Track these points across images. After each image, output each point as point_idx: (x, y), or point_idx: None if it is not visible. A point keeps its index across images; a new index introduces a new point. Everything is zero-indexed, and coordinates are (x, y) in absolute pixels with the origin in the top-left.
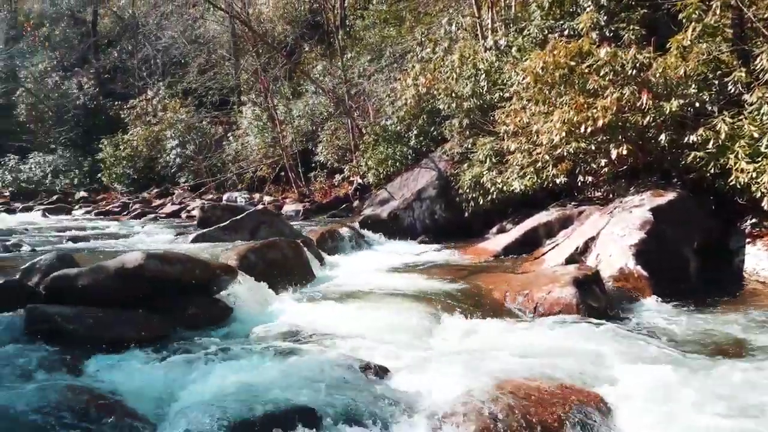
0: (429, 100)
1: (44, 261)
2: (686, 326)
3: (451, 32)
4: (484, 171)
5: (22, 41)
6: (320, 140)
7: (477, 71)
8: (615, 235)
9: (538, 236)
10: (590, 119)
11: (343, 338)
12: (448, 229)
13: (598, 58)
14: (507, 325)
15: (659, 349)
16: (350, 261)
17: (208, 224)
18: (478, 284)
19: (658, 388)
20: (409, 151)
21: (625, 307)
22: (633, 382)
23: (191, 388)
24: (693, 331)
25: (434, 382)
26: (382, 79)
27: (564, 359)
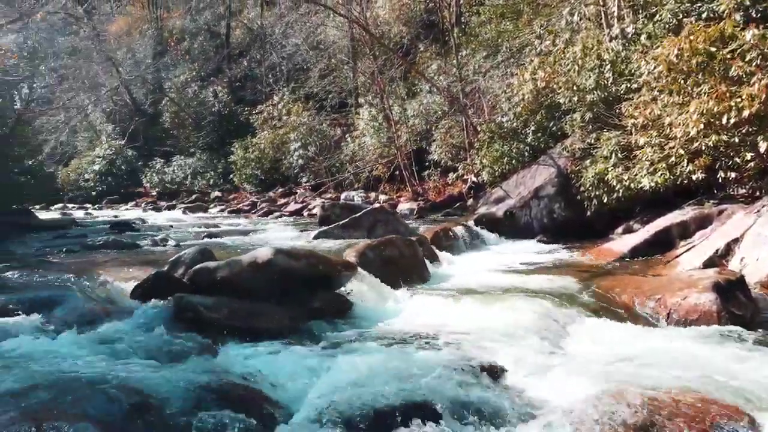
0: (548, 94)
1: (188, 254)
2: None
3: (572, 23)
4: (609, 167)
5: (167, 55)
6: (434, 139)
7: (601, 62)
8: (763, 237)
9: (670, 237)
10: (734, 109)
11: (459, 337)
12: (568, 229)
13: (743, 41)
14: (636, 330)
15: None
16: (465, 260)
17: (328, 222)
18: (603, 286)
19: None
20: (526, 148)
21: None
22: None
23: (319, 378)
24: None
25: (556, 387)
26: (497, 75)
27: (702, 370)
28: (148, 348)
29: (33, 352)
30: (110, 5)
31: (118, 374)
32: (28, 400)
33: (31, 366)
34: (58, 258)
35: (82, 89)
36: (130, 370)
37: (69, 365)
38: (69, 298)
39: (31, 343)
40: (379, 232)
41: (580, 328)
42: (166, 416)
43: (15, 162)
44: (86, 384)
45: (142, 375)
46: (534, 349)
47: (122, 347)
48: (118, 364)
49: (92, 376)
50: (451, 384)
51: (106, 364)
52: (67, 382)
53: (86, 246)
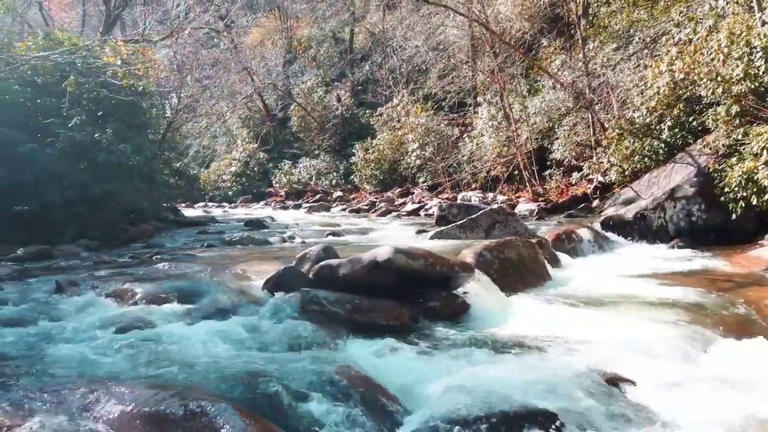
0: (687, 86)
1: (313, 251)
2: None
3: (717, 8)
4: (760, 165)
5: (296, 63)
6: (557, 137)
7: (751, 49)
8: None
9: None
10: None
11: (582, 345)
12: (709, 233)
13: None
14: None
15: None
16: (589, 264)
17: (445, 222)
18: (751, 299)
19: None
20: (661, 144)
21: None
22: None
23: (436, 379)
24: None
25: (685, 406)
26: (629, 68)
27: None
28: (274, 337)
29: (175, 337)
30: (246, 18)
31: (249, 360)
32: (173, 379)
33: (173, 349)
34: (200, 252)
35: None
36: (258, 357)
37: (204, 351)
38: (207, 289)
39: (174, 329)
40: (496, 233)
41: (719, 343)
42: (288, 402)
43: (166, 164)
44: (222, 368)
45: (268, 362)
46: (663, 364)
47: (252, 336)
48: (247, 352)
49: (227, 361)
50: (573, 393)
51: (237, 351)
52: (206, 365)
53: (224, 241)
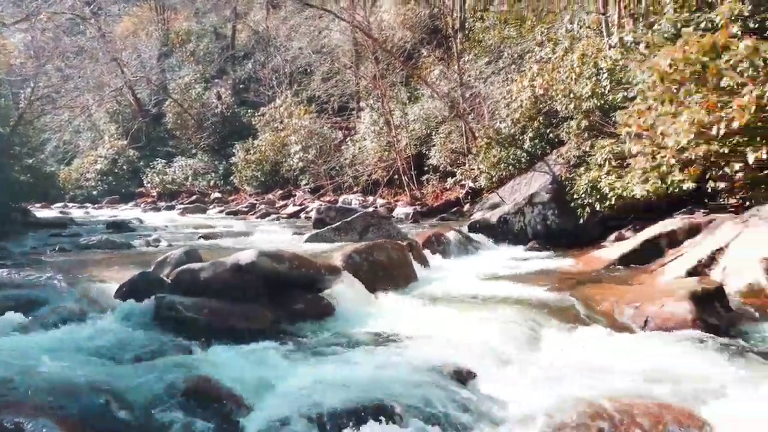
0: (546, 101)
1: (174, 255)
2: None
3: (573, 30)
4: (602, 175)
5: (172, 57)
6: (434, 144)
7: (599, 70)
8: (747, 247)
9: (659, 246)
10: (724, 120)
11: (437, 341)
12: (561, 236)
13: (736, 52)
14: (612, 338)
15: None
16: (456, 265)
17: (323, 225)
18: (588, 294)
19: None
20: (523, 154)
21: (750, 326)
22: (743, 408)
23: (288, 378)
24: None
25: (523, 394)
26: (498, 81)
27: (670, 377)
28: (123, 347)
29: (9, 349)
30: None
31: (88, 372)
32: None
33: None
34: (50, 257)
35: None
36: (100, 369)
37: (41, 363)
38: (54, 297)
39: (10, 341)
40: (371, 235)
41: (558, 335)
42: (127, 413)
43: (16, 160)
44: (53, 381)
45: (111, 373)
46: (508, 356)
47: (97, 345)
48: (89, 363)
49: (62, 373)
50: (418, 387)
51: (78, 362)
52: (35, 378)
53: (79, 245)
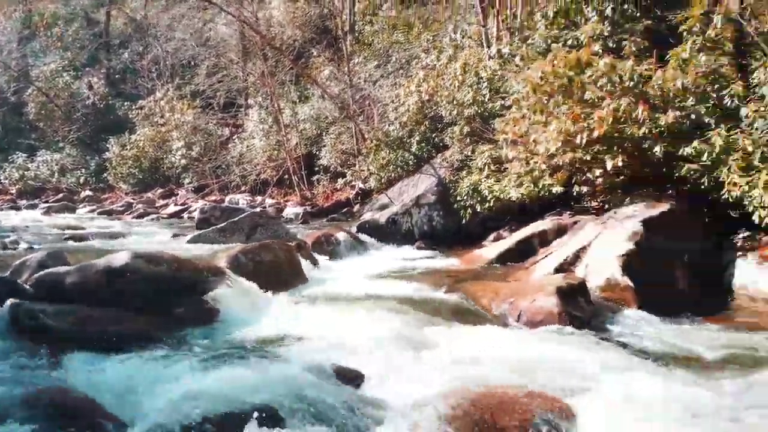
0: (432, 106)
1: (35, 258)
2: (667, 339)
3: (456, 40)
4: (482, 179)
5: (36, 41)
6: (324, 144)
7: (479, 79)
8: (605, 246)
9: (532, 245)
10: (586, 130)
11: (325, 342)
12: (446, 236)
13: (597, 68)
14: (490, 332)
15: (636, 360)
16: (345, 265)
17: (207, 225)
18: (469, 291)
19: (627, 399)
20: (411, 156)
21: (609, 318)
22: (603, 392)
23: (166, 387)
24: (673, 344)
25: (409, 389)
26: (387, 84)
27: (539, 367)
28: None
29: None
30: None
31: None
32: None
33: None
34: None
35: None
36: None
37: None
38: None
39: None
40: (258, 236)
41: (440, 331)
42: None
43: None
44: None
45: None
46: (395, 354)
47: None
48: None
49: None
50: (304, 389)
51: None
52: None
53: None
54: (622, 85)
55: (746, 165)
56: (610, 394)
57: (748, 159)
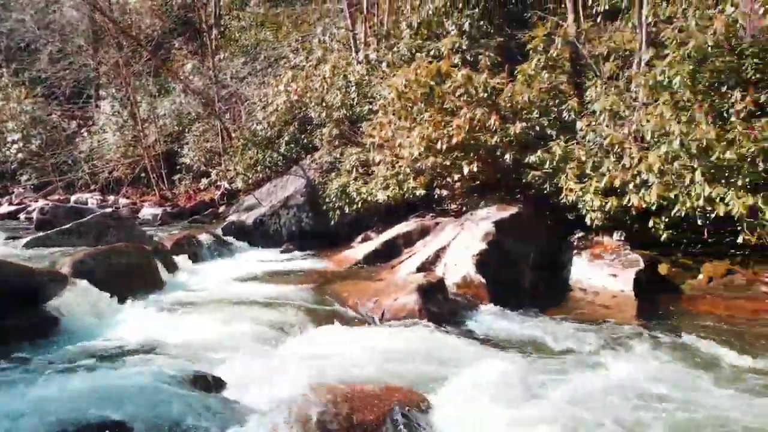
0: (301, 107)
1: None
2: (513, 330)
3: (325, 42)
4: (351, 181)
5: None
6: (187, 142)
7: (348, 83)
8: (462, 246)
9: (397, 246)
10: (446, 136)
11: (181, 349)
12: (314, 238)
13: (455, 79)
14: (355, 331)
15: (487, 350)
16: (208, 269)
17: (50, 227)
18: (335, 292)
19: (477, 385)
20: (280, 157)
21: (465, 313)
22: (457, 381)
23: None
24: (519, 334)
25: (268, 392)
26: (255, 82)
27: (399, 362)
28: None
29: None
30: None
31: None
32: None
33: None
34: None
35: None
36: None
37: None
38: None
39: None
40: (110, 239)
41: (305, 332)
42: None
43: None
44: None
45: None
46: (258, 357)
47: None
48: None
49: None
50: (157, 400)
51: None
52: None
53: None
54: (477, 96)
55: (580, 173)
56: (463, 382)
57: (582, 167)
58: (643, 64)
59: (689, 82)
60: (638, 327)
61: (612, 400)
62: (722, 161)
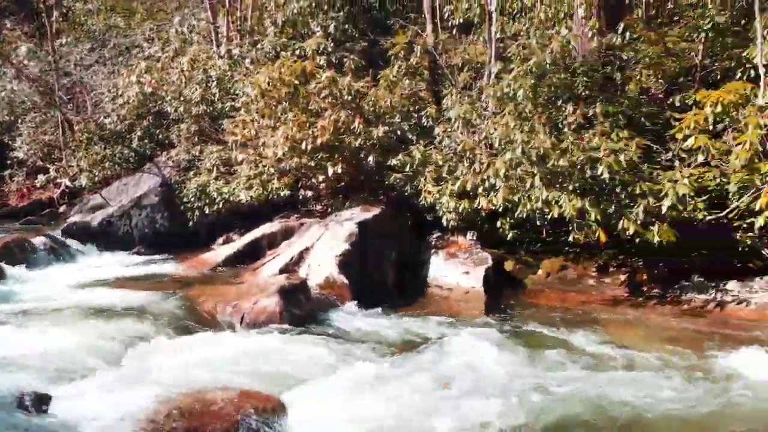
0: (156, 101)
1: None
2: (373, 329)
3: (183, 33)
4: (211, 180)
5: None
6: (20, 133)
7: (208, 77)
8: (326, 246)
9: (261, 247)
10: (311, 137)
11: (6, 365)
12: (171, 240)
13: (320, 80)
14: (211, 337)
15: (346, 349)
16: (45, 275)
17: None
18: (192, 297)
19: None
20: (131, 153)
21: (327, 313)
22: (316, 382)
23: None
24: (377, 332)
25: (110, 408)
26: (103, 71)
27: (257, 367)
28: None
29: None
30: None
31: None
32: None
33: None
34: None
35: None
36: None
37: None
38: None
39: None
40: None
41: (156, 342)
42: None
43: None
44: None
45: None
46: (98, 370)
47: None
48: None
49: None
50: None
51: None
52: None
53: None
54: (342, 98)
55: (438, 176)
56: (321, 383)
57: (439, 171)
58: (492, 76)
59: (531, 95)
60: (486, 319)
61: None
62: (557, 168)
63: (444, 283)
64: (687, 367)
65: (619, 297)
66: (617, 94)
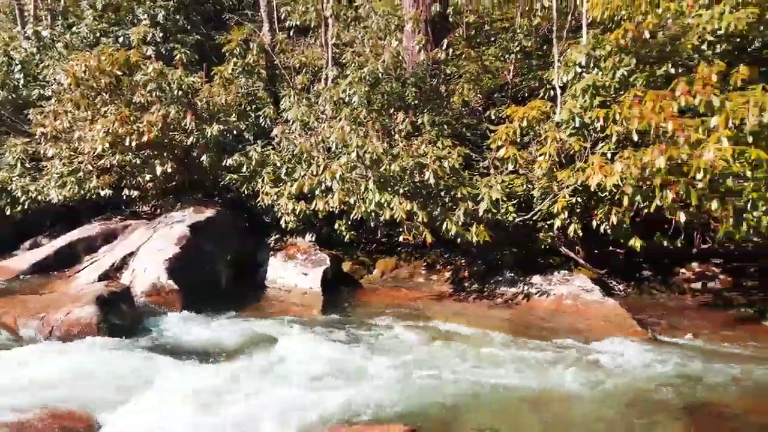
0: None
1: None
2: (204, 336)
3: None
4: (14, 177)
5: None
6: None
7: (11, 60)
8: (153, 250)
9: (76, 252)
10: (136, 133)
11: None
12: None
13: (146, 72)
14: (14, 353)
15: (172, 360)
16: None
17: None
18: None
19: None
20: None
21: (153, 322)
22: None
23: None
24: (208, 339)
25: None
26: None
27: (69, 384)
28: None
29: None
30: None
31: None
32: None
33: None
34: None
35: None
36: None
37: None
38: None
39: None
40: None
41: None
42: None
43: None
44: None
45: None
46: None
47: None
48: None
49: None
50: None
51: None
52: None
53: None
54: (171, 92)
55: (276, 178)
56: (141, 398)
57: (277, 173)
58: (329, 80)
59: (365, 101)
60: (323, 317)
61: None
62: (389, 172)
63: (282, 285)
64: (499, 346)
65: (444, 292)
66: (443, 105)
